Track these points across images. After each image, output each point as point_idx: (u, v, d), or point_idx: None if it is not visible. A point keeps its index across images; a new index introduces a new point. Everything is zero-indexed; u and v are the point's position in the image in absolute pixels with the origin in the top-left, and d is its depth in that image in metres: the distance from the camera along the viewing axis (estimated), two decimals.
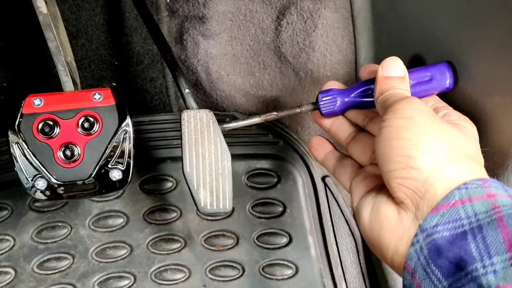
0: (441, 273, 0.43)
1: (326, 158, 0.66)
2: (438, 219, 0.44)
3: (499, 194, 0.43)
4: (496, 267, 0.40)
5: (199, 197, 0.65)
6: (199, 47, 0.90)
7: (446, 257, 0.42)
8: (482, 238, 0.41)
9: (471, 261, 0.41)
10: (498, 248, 0.40)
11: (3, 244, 0.86)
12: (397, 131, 0.48)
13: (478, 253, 0.41)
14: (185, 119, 0.66)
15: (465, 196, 0.44)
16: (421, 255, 0.44)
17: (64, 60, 0.67)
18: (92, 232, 0.88)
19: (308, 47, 0.84)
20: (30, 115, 0.64)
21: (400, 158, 0.47)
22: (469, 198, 0.43)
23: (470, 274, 0.41)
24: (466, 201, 0.43)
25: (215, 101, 0.94)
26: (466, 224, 0.42)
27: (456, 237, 0.42)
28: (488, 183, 0.45)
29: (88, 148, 0.65)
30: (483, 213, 0.42)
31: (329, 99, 0.65)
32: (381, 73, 0.55)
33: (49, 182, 0.65)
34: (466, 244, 0.42)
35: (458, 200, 0.44)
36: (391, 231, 0.48)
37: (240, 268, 0.90)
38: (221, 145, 0.66)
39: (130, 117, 0.67)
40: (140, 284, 0.88)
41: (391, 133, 0.48)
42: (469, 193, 0.44)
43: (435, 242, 0.43)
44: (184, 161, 0.65)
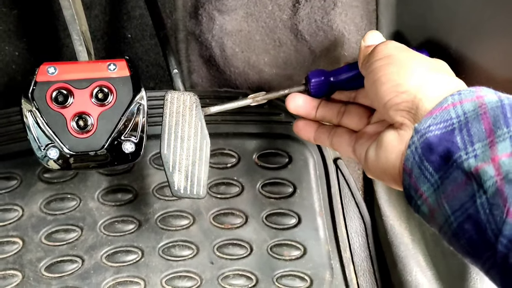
0: (433, 168, 0.47)
1: (318, 135, 0.68)
2: (431, 121, 0.48)
3: (488, 94, 0.47)
4: (477, 152, 0.44)
5: (173, 180, 0.66)
6: (214, 22, 0.88)
7: (436, 152, 0.47)
8: (467, 131, 0.46)
9: (456, 150, 0.45)
10: (480, 136, 0.45)
11: (11, 214, 0.86)
12: (381, 69, 0.54)
13: (462, 143, 0.45)
14: (168, 99, 0.66)
15: (457, 99, 0.48)
16: (416, 154, 0.49)
17: (79, 29, 0.66)
18: (101, 205, 0.88)
19: (326, 26, 0.82)
20: (44, 83, 0.63)
21: (390, 88, 0.52)
22: (460, 101, 0.48)
23: (455, 162, 0.45)
24: (457, 103, 0.48)
25: (228, 78, 0.93)
26: (455, 123, 0.47)
27: (446, 133, 0.47)
28: (480, 88, 0.49)
29: (101, 119, 0.64)
30: (471, 111, 0.46)
31: (319, 80, 0.67)
32: (363, 43, 0.62)
33: (62, 151, 0.64)
34: (453, 137, 0.46)
35: (450, 104, 0.48)
36: (394, 148, 0.52)
37: (248, 247, 0.90)
38: (202, 130, 0.66)
39: (144, 90, 0.66)
40: (148, 259, 0.88)
41: (377, 73, 0.54)
42: (461, 97, 0.48)
43: (428, 140, 0.48)
44: (162, 142, 0.65)
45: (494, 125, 0.44)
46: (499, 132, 0.44)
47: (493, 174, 0.42)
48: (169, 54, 0.71)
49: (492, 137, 0.44)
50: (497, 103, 0.46)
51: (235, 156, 0.90)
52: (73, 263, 0.86)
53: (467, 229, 0.44)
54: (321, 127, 0.68)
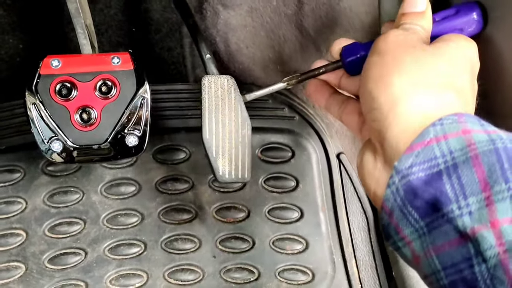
0: (418, 214, 0.42)
1: (329, 103, 0.63)
2: (413, 160, 0.42)
3: (475, 129, 0.42)
4: (471, 208, 0.39)
5: (217, 165, 0.64)
6: (219, 17, 0.88)
7: (422, 198, 0.41)
8: (458, 178, 0.40)
9: (446, 202, 0.40)
10: (473, 189, 0.39)
11: (15, 206, 0.86)
12: (367, 70, 0.47)
13: (453, 193, 0.40)
14: (205, 84, 0.64)
15: (440, 133, 0.42)
16: (397, 196, 0.43)
17: (83, 23, 0.66)
18: (104, 198, 0.88)
19: (330, 21, 0.82)
20: (48, 76, 0.63)
21: (367, 99, 0.46)
22: (444, 135, 0.42)
23: (446, 215, 0.40)
24: (441, 138, 0.42)
25: (233, 74, 0.92)
26: (441, 163, 0.41)
27: (432, 177, 0.41)
28: (463, 118, 0.43)
29: (105, 112, 0.64)
30: (458, 150, 0.41)
31: (355, 56, 0.59)
32: (400, 10, 0.53)
33: (65, 145, 0.64)
34: (441, 185, 0.40)
35: (433, 138, 0.42)
36: (370, 175, 0.47)
37: (250, 241, 0.90)
38: (242, 113, 0.65)
39: (148, 84, 0.66)
40: (150, 252, 0.88)
41: (363, 73, 0.48)
42: (444, 130, 0.42)
43: (411, 183, 0.42)
44: (203, 128, 0.64)
45: (490, 177, 0.39)
46: (497, 188, 0.38)
47: (494, 243, 0.37)
48: (201, 40, 0.70)
49: (489, 193, 0.39)
50: (489, 146, 0.40)
51: None
52: (76, 256, 0.86)
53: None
54: (334, 95, 0.62)
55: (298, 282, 0.89)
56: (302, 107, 0.90)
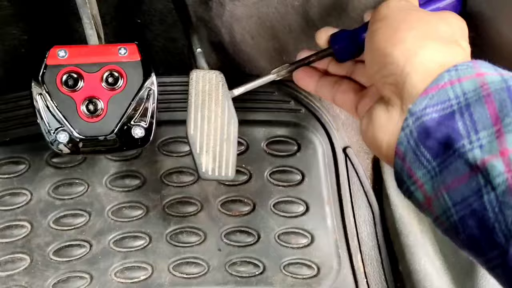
0: (430, 154, 0.43)
1: (320, 86, 0.63)
2: (427, 102, 0.44)
3: (489, 72, 0.43)
4: (482, 141, 0.40)
5: (200, 161, 0.63)
6: (224, 8, 0.87)
7: (434, 138, 0.43)
8: (470, 115, 0.41)
9: (458, 138, 0.41)
10: (485, 123, 0.40)
11: (20, 198, 0.86)
12: (374, 33, 0.49)
13: (465, 130, 0.41)
14: (193, 79, 0.64)
15: (455, 77, 0.43)
16: (410, 138, 0.45)
17: (89, 13, 0.65)
18: (109, 190, 0.88)
19: (338, 12, 0.81)
20: (54, 66, 0.63)
21: (379, 58, 0.48)
22: (458, 79, 0.43)
23: (457, 151, 0.41)
24: (455, 81, 0.43)
25: (238, 64, 0.92)
26: (454, 104, 0.42)
27: (445, 117, 0.43)
28: (478, 64, 0.44)
29: (111, 104, 0.64)
30: (471, 91, 0.42)
31: (344, 43, 0.61)
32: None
33: (71, 136, 0.64)
34: (453, 123, 0.42)
35: (447, 82, 0.43)
36: (383, 127, 0.48)
37: (255, 234, 0.90)
38: (229, 109, 0.64)
39: (155, 75, 0.65)
40: (155, 245, 0.88)
41: (370, 37, 0.50)
42: (459, 74, 0.44)
43: (424, 124, 0.43)
44: (188, 123, 0.63)
45: (501, 111, 0.40)
46: (507, 120, 0.40)
47: (503, 170, 0.38)
48: (192, 33, 0.70)
49: (499, 126, 0.40)
50: (501, 84, 0.41)
51: (243, 143, 0.90)
52: (81, 248, 0.86)
53: (470, 224, 0.41)
54: (324, 78, 0.63)
55: (303, 276, 0.89)
56: (308, 100, 0.89)
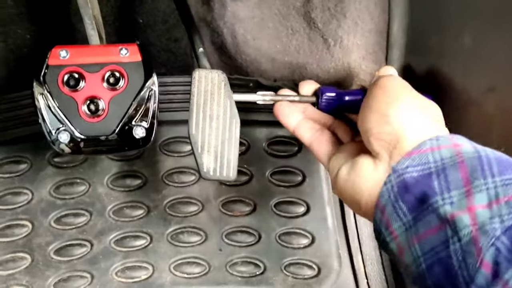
0: (407, 207, 0.49)
1: (299, 126, 0.67)
2: (410, 162, 0.50)
3: (465, 144, 0.50)
4: (453, 199, 0.46)
5: (202, 161, 0.63)
6: (227, 9, 0.87)
7: (412, 193, 0.48)
8: (445, 177, 0.47)
9: (433, 195, 0.47)
10: (457, 184, 0.46)
11: (21, 197, 0.86)
12: (375, 97, 0.56)
13: (439, 188, 0.47)
14: (196, 78, 0.64)
15: (435, 145, 0.50)
16: (391, 192, 0.50)
17: (91, 13, 0.66)
18: (110, 190, 0.88)
19: (339, 13, 0.81)
20: (56, 66, 0.63)
21: (376, 116, 0.54)
22: (438, 147, 0.50)
23: (431, 206, 0.47)
24: (436, 148, 0.50)
25: (240, 66, 0.92)
26: (433, 167, 0.49)
27: (423, 176, 0.48)
28: (456, 137, 0.51)
29: (112, 104, 0.64)
30: (448, 158, 0.49)
31: (331, 96, 0.66)
32: (377, 73, 0.65)
33: (72, 135, 0.64)
34: (430, 182, 0.48)
35: (428, 148, 0.50)
36: (368, 178, 0.54)
37: (256, 235, 0.90)
38: (231, 109, 0.64)
39: (156, 75, 0.65)
40: (156, 245, 0.88)
41: (371, 100, 0.56)
42: (439, 143, 0.50)
43: (405, 180, 0.49)
44: (190, 123, 0.63)
45: (471, 175, 0.46)
46: (476, 182, 0.46)
47: (469, 223, 0.44)
48: (194, 33, 0.70)
49: (469, 187, 0.46)
50: (474, 154, 0.48)
51: (244, 143, 0.90)
52: (82, 247, 0.86)
53: (436, 272, 0.46)
54: (305, 121, 0.67)
55: (304, 277, 0.89)
56: None
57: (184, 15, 0.73)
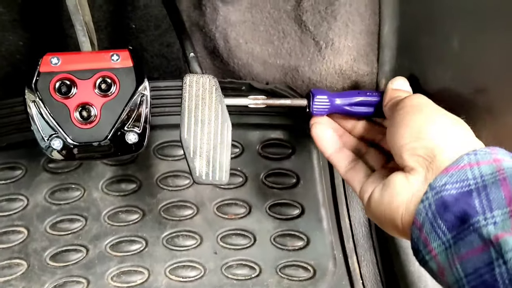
0: (446, 227, 0.47)
1: (336, 155, 0.69)
2: (447, 179, 0.49)
3: (505, 159, 0.48)
4: (496, 219, 0.44)
5: (194, 165, 0.64)
6: (218, 13, 0.88)
7: (451, 212, 0.47)
8: (486, 195, 0.46)
9: (474, 214, 0.45)
10: (500, 203, 0.45)
11: (16, 204, 0.86)
12: (408, 114, 0.56)
13: (481, 207, 0.45)
14: (186, 83, 0.64)
15: (474, 160, 0.49)
16: (429, 210, 0.49)
17: (82, 20, 0.66)
18: (105, 195, 0.88)
19: (330, 16, 0.82)
20: (48, 73, 0.63)
21: (411, 132, 0.54)
22: (477, 162, 0.48)
23: (472, 226, 0.45)
24: (474, 164, 0.48)
25: (232, 69, 0.93)
26: (472, 184, 0.47)
27: (462, 194, 0.47)
28: (496, 151, 0.50)
29: (104, 110, 0.64)
30: (488, 174, 0.47)
31: (322, 99, 0.67)
32: (391, 86, 0.66)
33: (65, 142, 0.64)
34: (470, 200, 0.46)
35: (466, 164, 0.49)
36: (402, 193, 0.53)
37: (251, 237, 0.90)
38: (223, 113, 0.64)
39: (147, 80, 0.66)
40: (152, 249, 0.88)
41: (404, 117, 0.56)
42: (477, 158, 0.49)
43: (443, 198, 0.48)
44: (181, 127, 0.63)
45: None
46: None
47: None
48: (185, 38, 0.70)
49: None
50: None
51: (238, 146, 0.90)
52: (77, 253, 0.87)
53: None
54: (343, 151, 0.69)
55: (299, 278, 0.89)
56: None
57: (175, 21, 0.74)
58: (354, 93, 0.69)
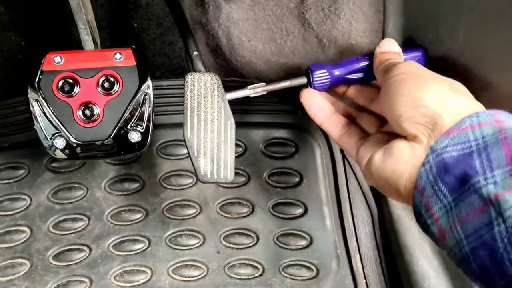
0: (447, 189, 0.47)
1: (328, 121, 0.68)
2: (448, 141, 0.48)
3: (507, 120, 0.48)
4: (496, 178, 0.44)
5: (198, 164, 0.64)
6: (221, 11, 0.88)
7: (452, 174, 0.47)
8: (487, 155, 0.45)
9: (474, 175, 0.45)
10: (500, 163, 0.44)
11: (19, 203, 0.86)
12: (402, 82, 0.55)
13: (481, 168, 0.45)
14: (188, 82, 0.64)
15: (475, 122, 0.48)
16: (430, 173, 0.49)
17: (85, 19, 0.66)
18: (108, 194, 0.88)
19: (333, 14, 0.81)
20: (50, 72, 0.63)
21: (408, 101, 0.53)
22: (479, 124, 0.48)
23: (472, 186, 0.45)
24: (476, 126, 0.47)
25: (235, 67, 0.92)
26: (473, 146, 0.46)
27: (464, 156, 0.47)
28: (498, 113, 0.49)
29: (107, 108, 0.64)
30: (490, 135, 0.46)
31: (322, 73, 0.67)
32: (379, 50, 0.65)
33: (68, 141, 0.64)
34: (471, 161, 0.46)
35: (468, 126, 0.48)
36: (406, 161, 0.52)
37: (254, 237, 0.90)
38: (225, 111, 0.64)
39: (150, 79, 0.66)
40: (155, 248, 0.88)
41: (398, 85, 0.55)
42: (479, 120, 0.48)
43: (444, 160, 0.48)
44: (185, 126, 0.64)
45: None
46: None
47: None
48: (188, 36, 0.70)
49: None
50: None
51: (241, 145, 0.90)
52: (80, 252, 0.86)
53: (481, 255, 0.44)
54: (335, 116, 0.69)
55: (302, 278, 0.89)
56: None
57: (178, 19, 0.74)
58: (352, 60, 0.69)
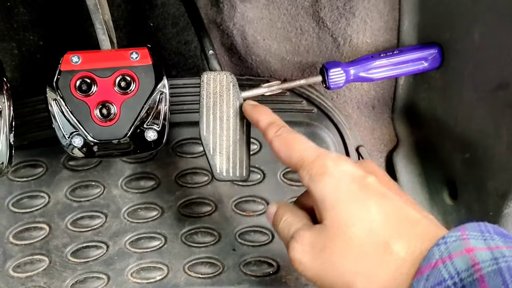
0: None
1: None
2: (424, 283, 0.43)
3: (478, 247, 0.43)
4: None
5: (214, 162, 0.64)
6: (236, 10, 0.88)
7: None
8: None
9: None
10: None
11: (38, 201, 0.87)
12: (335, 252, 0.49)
13: None
14: (204, 81, 0.65)
15: (445, 253, 0.43)
16: None
17: (101, 19, 0.67)
18: (124, 192, 0.89)
19: (348, 12, 0.81)
20: (68, 72, 0.64)
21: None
22: (449, 256, 0.43)
23: None
24: (447, 259, 0.42)
25: (250, 66, 0.93)
26: (451, 285, 0.41)
27: None
28: (466, 233, 0.44)
29: (124, 107, 0.65)
30: (464, 271, 0.41)
31: (337, 71, 0.68)
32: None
33: (86, 139, 0.65)
34: None
35: (439, 260, 0.43)
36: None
37: (269, 234, 0.90)
38: (241, 109, 0.65)
39: (166, 78, 0.66)
40: (171, 245, 0.89)
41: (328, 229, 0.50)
42: (449, 249, 0.43)
43: None
44: (200, 125, 0.64)
45: None
46: None
47: None
48: (204, 35, 0.71)
49: None
50: (493, 266, 0.41)
51: (256, 144, 0.90)
52: (98, 249, 0.87)
53: None
54: None
55: None
56: (321, 100, 0.90)
57: (193, 18, 0.74)
58: (367, 58, 0.69)
